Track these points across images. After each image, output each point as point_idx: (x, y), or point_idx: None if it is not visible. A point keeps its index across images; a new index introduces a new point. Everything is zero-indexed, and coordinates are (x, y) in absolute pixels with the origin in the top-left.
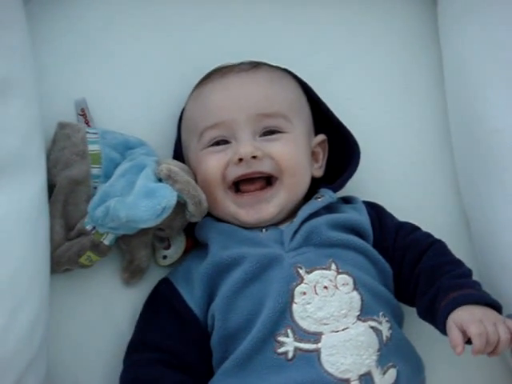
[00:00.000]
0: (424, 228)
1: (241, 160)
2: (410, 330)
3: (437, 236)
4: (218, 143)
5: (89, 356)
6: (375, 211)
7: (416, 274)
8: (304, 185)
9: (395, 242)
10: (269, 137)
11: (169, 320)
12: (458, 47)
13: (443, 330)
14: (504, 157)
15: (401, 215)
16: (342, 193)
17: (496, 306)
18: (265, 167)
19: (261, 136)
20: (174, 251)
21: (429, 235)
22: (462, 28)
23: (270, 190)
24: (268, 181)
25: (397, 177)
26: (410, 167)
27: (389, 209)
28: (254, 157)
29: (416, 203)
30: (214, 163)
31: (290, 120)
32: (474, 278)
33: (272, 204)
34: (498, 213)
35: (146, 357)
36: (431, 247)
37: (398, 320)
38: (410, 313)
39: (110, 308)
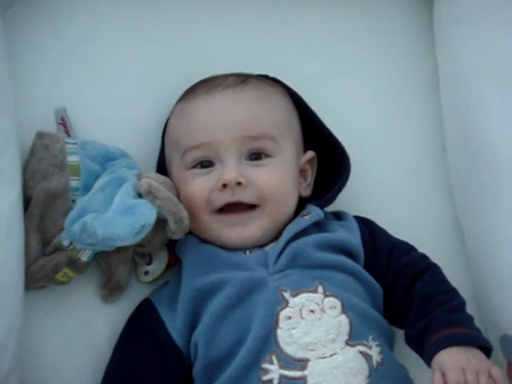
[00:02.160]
0: (417, 242)
1: (225, 186)
2: (400, 348)
3: (430, 251)
4: (202, 164)
5: (67, 374)
6: (368, 228)
7: (408, 300)
8: (289, 209)
9: (388, 263)
10: (255, 162)
11: (149, 349)
12: (454, 56)
13: (428, 364)
14: (500, 171)
15: (393, 229)
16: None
17: (485, 347)
18: (247, 196)
19: (247, 159)
20: (156, 267)
21: (424, 257)
22: (458, 36)
23: (252, 212)
24: (251, 205)
25: (389, 189)
26: (403, 179)
27: (381, 222)
28: (238, 183)
29: (409, 217)
30: (197, 187)
31: (278, 141)
32: (469, 295)
33: (255, 226)
34: (494, 229)
35: None
36: (426, 272)
37: (388, 343)
38: (402, 332)
39: (89, 325)
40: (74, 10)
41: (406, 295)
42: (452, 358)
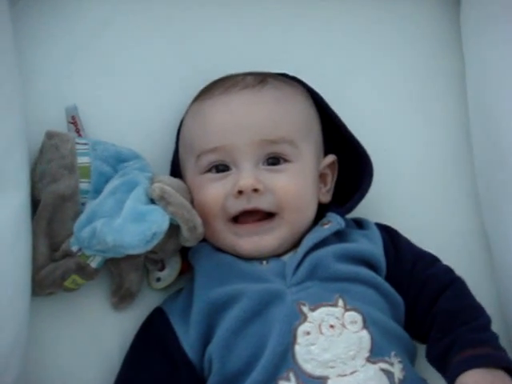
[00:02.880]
0: (441, 251)
1: (241, 193)
2: (422, 361)
3: (455, 260)
4: (217, 168)
5: (75, 382)
6: (391, 239)
7: (431, 316)
8: (308, 218)
9: (411, 276)
10: (273, 167)
11: (160, 363)
12: (482, 56)
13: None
14: None
15: (416, 237)
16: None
17: (510, 368)
18: (265, 204)
19: (264, 164)
20: (169, 273)
21: (448, 270)
22: (486, 36)
23: (270, 222)
24: (269, 213)
25: (412, 195)
26: (427, 184)
27: (403, 229)
28: (254, 190)
29: (433, 224)
30: (212, 193)
31: (297, 145)
32: (495, 306)
33: (272, 236)
34: None
35: None
36: (450, 287)
37: (410, 357)
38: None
39: (99, 333)
40: (84, 5)
41: (429, 310)
42: (475, 381)
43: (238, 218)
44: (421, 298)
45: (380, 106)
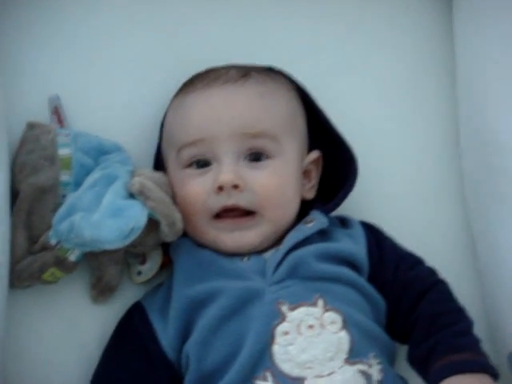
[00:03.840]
0: (426, 250)
1: (221, 189)
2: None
3: (440, 261)
4: (197, 163)
5: (53, 377)
6: (375, 238)
7: (413, 318)
8: (290, 214)
9: (394, 277)
10: (254, 163)
11: (138, 359)
12: (474, 55)
13: None
14: None
15: (401, 236)
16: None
17: (490, 373)
18: (244, 201)
19: (245, 159)
20: (150, 267)
21: (432, 272)
22: (479, 35)
23: (251, 219)
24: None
25: (398, 194)
26: (413, 183)
27: (388, 228)
28: (235, 186)
29: (418, 223)
30: (194, 190)
31: (280, 140)
32: (478, 308)
33: (253, 232)
34: (506, 240)
35: None
36: (432, 289)
37: (390, 358)
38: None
39: (78, 326)
40: None
41: (411, 312)
42: None
43: (219, 214)
44: (403, 300)
45: (368, 103)
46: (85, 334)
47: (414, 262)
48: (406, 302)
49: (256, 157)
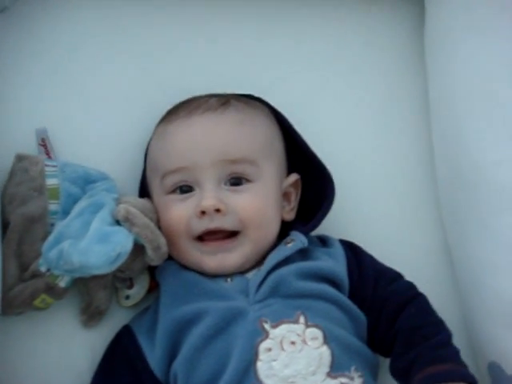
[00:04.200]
0: (405, 266)
1: (203, 213)
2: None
3: (418, 276)
4: (181, 188)
5: None
6: (354, 256)
7: (394, 332)
8: (271, 235)
9: (374, 292)
10: (235, 187)
11: (127, 379)
12: (444, 75)
13: None
14: (489, 195)
15: (380, 253)
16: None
17: (470, 382)
18: (227, 223)
19: (226, 183)
20: (137, 291)
21: (410, 287)
22: (449, 55)
23: (234, 241)
24: (232, 232)
25: (376, 212)
26: (390, 202)
27: (367, 245)
28: (217, 210)
29: (396, 240)
30: (177, 214)
31: (259, 165)
32: (458, 320)
33: (235, 254)
34: (482, 254)
35: None
36: (411, 303)
37: (372, 372)
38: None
39: (69, 351)
40: (55, 28)
41: (391, 326)
42: None
43: (202, 237)
44: (383, 314)
45: (345, 125)
46: (75, 358)
47: (393, 276)
48: (385, 315)
49: (236, 181)
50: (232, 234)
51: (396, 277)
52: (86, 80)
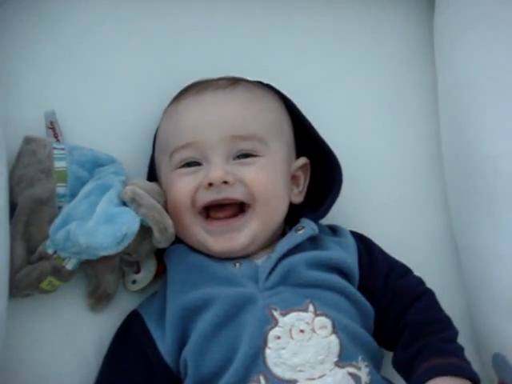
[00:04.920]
0: (410, 256)
1: (211, 185)
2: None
3: (424, 266)
4: (189, 164)
5: (52, 383)
6: (365, 248)
7: (401, 326)
8: (280, 213)
9: (384, 286)
10: (243, 160)
11: (138, 366)
12: (454, 67)
13: None
14: (497, 186)
15: (386, 243)
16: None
17: (473, 379)
18: (236, 193)
19: (235, 159)
20: (144, 275)
21: (419, 282)
22: (458, 47)
23: (241, 218)
24: (240, 208)
25: (383, 201)
26: (398, 191)
27: (373, 235)
28: (225, 182)
29: (403, 229)
30: (183, 186)
31: (268, 143)
32: (462, 312)
33: (244, 233)
34: (488, 246)
35: None
36: (420, 298)
37: (377, 363)
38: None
39: (75, 334)
40: (66, 11)
41: (399, 320)
42: None
43: (208, 214)
44: (392, 308)
45: (353, 113)
46: (82, 342)
47: (403, 271)
48: (394, 310)
49: (244, 156)
50: (239, 211)
51: (406, 271)
52: (96, 64)
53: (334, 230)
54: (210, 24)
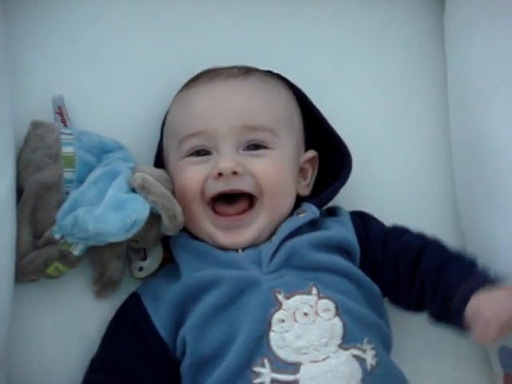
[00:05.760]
0: None
1: (220, 175)
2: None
3: None
4: (198, 153)
5: (55, 370)
6: (360, 220)
7: (419, 283)
8: (286, 207)
9: (384, 252)
10: (253, 152)
11: (133, 340)
12: (464, 59)
13: (462, 326)
14: (506, 178)
15: None
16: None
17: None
18: (245, 185)
19: (244, 149)
20: (151, 263)
21: (420, 236)
22: (469, 39)
23: (249, 214)
24: (248, 201)
25: (391, 191)
26: (405, 181)
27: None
28: (234, 172)
29: (410, 220)
30: (192, 175)
31: (278, 134)
32: None
33: (251, 228)
34: (496, 239)
35: (104, 378)
36: (426, 248)
37: (385, 345)
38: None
39: (80, 321)
40: None
41: (414, 279)
42: (478, 303)
43: (217, 209)
44: (401, 269)
45: (362, 104)
46: (87, 328)
47: (401, 232)
48: (404, 269)
49: (255, 147)
50: (247, 206)
51: (404, 231)
52: (104, 50)
53: (331, 211)
54: (222, 12)
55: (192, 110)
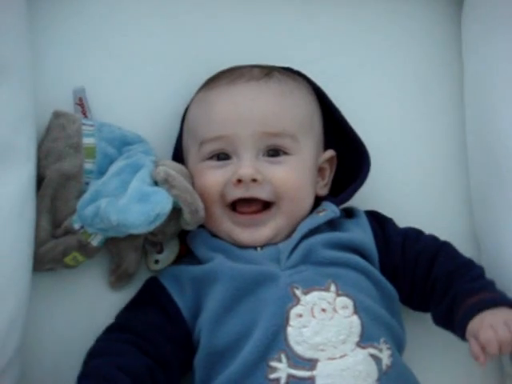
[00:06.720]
0: None
1: (240, 181)
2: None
3: None
4: (218, 156)
5: (71, 359)
6: (377, 222)
7: (430, 285)
8: (304, 209)
9: (403, 256)
10: (273, 158)
11: (154, 312)
12: (481, 59)
13: (463, 337)
14: None
15: None
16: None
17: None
18: (263, 193)
19: (264, 155)
20: (167, 256)
21: (433, 239)
22: (486, 39)
23: (266, 214)
24: (266, 203)
25: (407, 191)
26: (421, 181)
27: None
28: (253, 180)
29: (425, 220)
30: (212, 180)
31: (298, 139)
32: None
33: (268, 226)
34: (510, 242)
35: (121, 336)
36: (439, 253)
37: (399, 346)
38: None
39: (95, 311)
40: None
41: (426, 282)
42: (480, 321)
43: (236, 207)
44: (417, 273)
45: (379, 103)
46: (101, 319)
47: (416, 235)
48: (419, 273)
49: (274, 153)
50: (265, 207)
51: (418, 234)
52: (125, 43)
53: (348, 212)
54: (241, 10)
55: (213, 114)
